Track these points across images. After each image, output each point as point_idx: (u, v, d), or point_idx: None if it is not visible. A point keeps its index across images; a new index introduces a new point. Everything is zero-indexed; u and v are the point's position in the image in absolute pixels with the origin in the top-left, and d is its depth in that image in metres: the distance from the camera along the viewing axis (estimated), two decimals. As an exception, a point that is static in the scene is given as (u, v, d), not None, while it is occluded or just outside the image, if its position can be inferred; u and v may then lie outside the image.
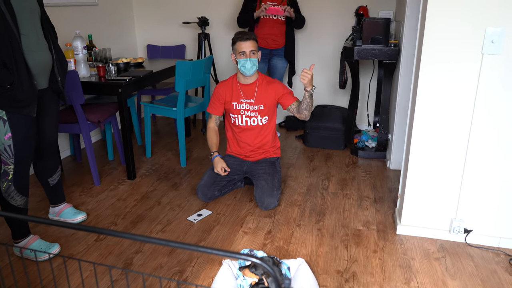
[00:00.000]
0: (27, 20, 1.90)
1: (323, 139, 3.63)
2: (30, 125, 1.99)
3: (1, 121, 1.89)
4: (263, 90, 2.65)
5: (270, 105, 2.67)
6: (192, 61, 3.09)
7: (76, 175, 3.11)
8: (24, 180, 2.05)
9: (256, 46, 2.55)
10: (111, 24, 4.05)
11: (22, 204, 2.08)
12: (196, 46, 4.31)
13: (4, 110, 1.88)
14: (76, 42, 2.93)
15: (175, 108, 3.18)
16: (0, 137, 1.92)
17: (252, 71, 2.57)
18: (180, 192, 2.84)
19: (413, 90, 2.19)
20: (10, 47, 1.79)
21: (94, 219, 2.49)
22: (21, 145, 1.97)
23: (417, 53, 2.15)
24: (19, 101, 1.87)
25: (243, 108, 2.68)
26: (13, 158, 1.97)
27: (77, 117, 2.79)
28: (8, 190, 2.00)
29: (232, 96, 2.69)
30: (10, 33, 1.79)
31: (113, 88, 2.81)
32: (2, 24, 1.76)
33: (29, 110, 1.93)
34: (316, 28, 3.96)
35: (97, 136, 3.92)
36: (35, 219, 1.19)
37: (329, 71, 4.06)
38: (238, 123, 2.73)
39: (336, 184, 2.94)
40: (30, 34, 1.91)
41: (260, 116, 2.69)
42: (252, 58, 2.54)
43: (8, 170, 1.98)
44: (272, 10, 3.46)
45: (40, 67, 1.98)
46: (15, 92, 1.84)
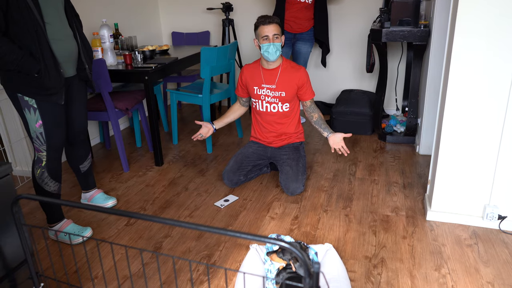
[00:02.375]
0: (51, 9, 1.92)
1: (350, 124, 3.57)
2: (60, 112, 2.04)
3: (32, 109, 1.94)
4: (286, 77, 2.59)
5: (291, 93, 2.60)
6: (217, 47, 3.08)
7: (105, 162, 3.19)
8: (56, 166, 2.11)
9: (279, 30, 2.50)
10: (136, 12, 4.08)
11: (56, 190, 2.15)
12: (220, 32, 4.30)
13: (34, 98, 1.93)
14: (103, 31, 2.96)
15: (201, 95, 3.19)
16: (32, 124, 1.98)
17: (276, 56, 2.53)
18: (206, 178, 2.86)
19: (445, 72, 2.11)
20: (35, 36, 1.82)
21: (124, 205, 2.55)
22: (52, 132, 2.02)
23: (449, 34, 2.07)
24: (47, 89, 1.91)
25: (264, 94, 2.65)
26: (45, 145, 2.03)
27: (105, 105, 2.84)
28: (42, 176, 2.07)
29: (254, 80, 2.67)
30: (34, 22, 1.82)
31: (140, 75, 2.84)
32: (27, 14, 1.79)
33: (57, 98, 1.97)
34: (342, 10, 3.87)
35: (125, 123, 3.99)
36: (68, 203, 1.23)
37: (356, 54, 3.97)
38: (259, 108, 2.72)
39: (364, 169, 2.90)
40: (54, 22, 1.93)
41: (281, 103, 2.64)
42: (276, 42, 2.49)
43: (41, 157, 2.05)
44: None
45: (66, 55, 2.01)
46: (43, 80, 1.88)
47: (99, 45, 2.98)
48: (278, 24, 2.50)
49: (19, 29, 1.79)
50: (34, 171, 2.08)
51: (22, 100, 1.93)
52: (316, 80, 4.12)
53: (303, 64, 3.68)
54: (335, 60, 4.05)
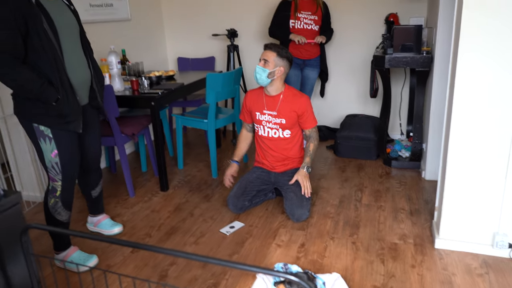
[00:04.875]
0: (68, 37, 1.95)
1: (354, 149, 3.58)
2: (75, 141, 2.05)
3: (47, 139, 1.95)
4: (287, 104, 2.60)
5: (292, 120, 2.61)
6: (222, 73, 3.13)
7: (111, 187, 3.19)
8: (70, 196, 2.11)
9: (272, 58, 2.49)
10: (143, 38, 4.16)
11: (67, 219, 2.14)
12: (225, 57, 4.36)
13: (50, 127, 1.93)
14: (111, 57, 3.01)
15: (206, 120, 3.21)
16: (47, 154, 1.98)
17: (260, 81, 2.53)
18: (212, 203, 2.85)
19: (449, 97, 2.13)
20: (54, 64, 1.85)
21: (129, 231, 2.53)
22: (67, 161, 2.02)
23: (452, 60, 2.10)
24: (65, 117, 1.92)
25: (265, 119, 2.68)
26: (60, 175, 2.02)
27: (112, 130, 2.86)
28: (56, 206, 2.07)
29: (257, 106, 2.70)
30: (53, 50, 1.84)
31: (146, 101, 2.87)
32: (46, 42, 1.82)
33: (75, 126, 1.98)
34: (345, 36, 3.94)
35: (130, 147, 4.01)
36: (79, 233, 1.23)
37: (359, 79, 4.01)
38: (261, 133, 2.74)
39: (370, 195, 2.88)
40: (71, 51, 1.96)
41: (281, 130, 2.66)
42: (260, 65, 2.51)
43: (56, 187, 2.05)
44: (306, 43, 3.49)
45: (81, 84, 2.03)
46: (62, 108, 1.89)
47: (107, 71, 3.03)
48: (274, 53, 2.50)
49: (38, 57, 1.82)
50: (47, 200, 2.07)
51: (37, 130, 1.93)
52: (320, 104, 4.15)
53: (310, 89, 3.73)
54: (339, 85, 4.09)
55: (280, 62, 2.52)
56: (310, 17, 3.49)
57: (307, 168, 2.61)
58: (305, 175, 2.58)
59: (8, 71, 1.73)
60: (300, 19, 3.50)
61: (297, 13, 3.46)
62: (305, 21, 3.50)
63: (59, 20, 1.90)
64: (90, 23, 3.42)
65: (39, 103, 1.87)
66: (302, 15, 3.47)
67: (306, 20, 3.50)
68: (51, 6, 1.88)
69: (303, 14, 3.48)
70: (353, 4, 3.83)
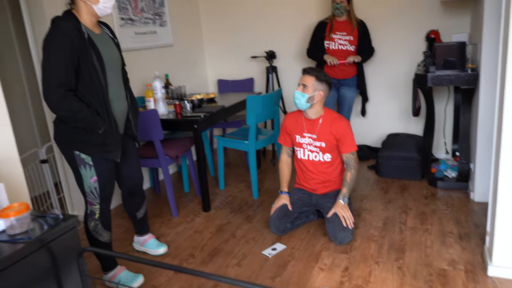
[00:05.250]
0: (112, 70, 2.06)
1: (397, 169, 3.50)
2: (112, 168, 2.15)
3: (87, 166, 2.04)
4: (326, 128, 2.59)
5: (331, 144, 2.59)
6: (262, 95, 3.18)
7: (155, 207, 3.28)
8: (108, 217, 2.20)
9: (311, 83, 2.49)
10: (185, 62, 4.31)
11: (108, 239, 2.23)
12: (264, 78, 4.43)
13: (91, 156, 2.03)
14: (156, 83, 3.14)
15: (247, 141, 3.26)
16: (86, 180, 2.08)
17: (299, 105, 2.53)
18: (253, 224, 2.87)
19: (498, 115, 2.05)
20: (101, 96, 1.96)
21: (173, 251, 2.59)
22: (105, 186, 2.12)
23: (500, 77, 2.03)
24: (106, 146, 2.02)
25: (306, 142, 2.67)
26: (98, 199, 2.12)
27: (156, 152, 2.96)
28: (96, 228, 2.16)
29: (296, 129, 2.70)
30: (100, 84, 1.96)
31: (189, 124, 2.96)
32: (95, 76, 1.93)
33: (114, 155, 2.07)
34: (384, 53, 3.90)
35: (173, 168, 4.12)
36: (127, 256, 1.28)
37: (400, 97, 3.94)
38: (300, 156, 2.73)
39: (415, 217, 2.80)
40: (113, 83, 2.07)
41: (321, 153, 2.64)
42: (299, 90, 2.51)
43: (95, 210, 2.14)
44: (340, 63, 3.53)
45: (121, 114, 2.13)
46: (106, 137, 1.99)
47: (151, 95, 3.15)
48: (312, 77, 2.50)
49: (86, 89, 1.93)
50: (87, 224, 2.16)
51: (78, 157, 2.02)
52: (360, 123, 4.11)
53: (348, 109, 3.71)
54: (380, 103, 4.03)
55: (319, 86, 2.52)
56: (345, 37, 3.51)
57: (343, 198, 2.56)
58: (342, 207, 2.53)
59: (62, 102, 1.83)
60: (334, 40, 3.53)
61: (331, 34, 3.50)
62: (340, 42, 3.52)
63: (106, 55, 2.01)
64: (136, 50, 3.60)
65: (82, 132, 1.96)
66: (336, 36, 3.50)
67: (341, 41, 3.52)
68: (99, 40, 2.00)
69: (338, 35, 3.50)
70: (392, 21, 3.80)
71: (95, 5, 1.94)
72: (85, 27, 1.93)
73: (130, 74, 3.42)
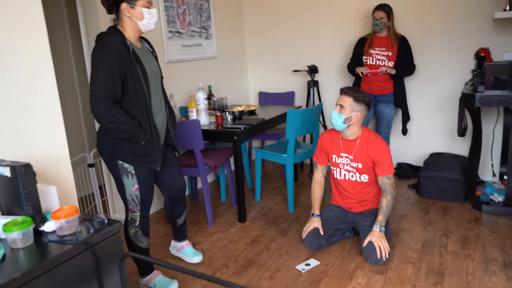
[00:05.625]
0: (153, 83, 2.15)
1: (439, 189, 3.38)
2: (152, 177, 2.23)
3: (130, 175, 2.13)
4: (363, 149, 2.53)
5: (368, 165, 2.54)
6: (302, 110, 3.19)
7: (193, 215, 3.36)
8: (147, 224, 2.28)
9: (348, 104, 2.45)
10: (228, 74, 4.41)
11: (147, 245, 2.31)
12: (305, 92, 4.44)
13: (133, 165, 2.11)
14: (199, 94, 3.23)
15: (285, 155, 3.28)
16: (128, 189, 2.16)
17: (336, 126, 2.50)
18: (288, 238, 2.87)
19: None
20: (144, 108, 2.05)
21: (208, 260, 2.64)
22: (145, 195, 2.20)
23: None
24: (148, 156, 2.10)
25: (342, 162, 2.63)
26: (139, 206, 2.20)
27: (196, 162, 3.04)
28: (136, 234, 2.24)
29: (333, 148, 2.66)
30: (144, 97, 2.05)
31: (229, 135, 3.02)
32: (139, 89, 2.03)
33: (155, 164, 2.15)
34: (430, 70, 3.81)
35: (211, 177, 4.20)
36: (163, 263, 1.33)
37: (445, 116, 3.82)
38: (337, 176, 2.69)
39: (456, 242, 2.70)
40: (155, 96, 2.16)
41: (358, 174, 2.59)
42: (336, 111, 2.48)
43: (135, 217, 2.22)
44: (370, 73, 3.51)
45: (161, 125, 2.22)
46: (148, 147, 2.08)
47: (194, 106, 3.24)
48: (350, 97, 2.46)
49: (130, 101, 2.02)
50: (128, 230, 2.25)
51: (121, 167, 2.11)
52: (402, 140, 4.02)
53: (386, 125, 3.66)
54: (422, 121, 3.93)
55: (356, 107, 2.47)
56: (383, 53, 3.49)
57: (379, 227, 2.49)
58: (379, 236, 2.46)
59: (108, 113, 1.92)
60: (372, 55, 3.52)
61: (370, 49, 3.51)
62: (377, 57, 3.51)
63: (149, 68, 2.11)
64: (181, 61, 3.73)
65: (125, 143, 2.05)
66: (374, 51, 3.49)
67: (379, 56, 3.50)
68: (142, 54, 2.11)
69: (376, 50, 3.49)
70: (440, 38, 3.71)
71: (140, 21, 2.05)
72: (130, 42, 2.04)
73: (175, 85, 3.60)
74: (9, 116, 1.67)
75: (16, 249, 1.33)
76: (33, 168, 1.43)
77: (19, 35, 1.70)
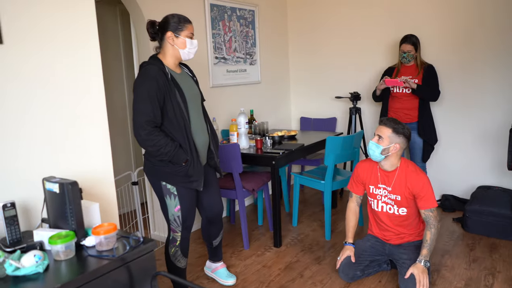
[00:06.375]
0: (193, 106, 2.24)
1: (487, 225, 3.21)
2: (194, 198, 2.30)
3: (172, 196, 2.22)
4: (402, 181, 2.47)
5: (407, 198, 2.46)
6: (342, 137, 3.18)
7: (229, 237, 3.40)
8: (187, 245, 2.35)
9: (387, 135, 2.41)
10: (270, 99, 4.49)
11: (185, 265, 2.37)
12: (347, 118, 4.42)
13: (176, 185, 2.20)
14: (240, 118, 3.32)
15: (323, 181, 3.26)
16: (171, 209, 2.25)
17: (373, 156, 2.45)
18: (322, 266, 2.83)
19: None
20: (184, 131, 2.14)
21: (241, 283, 2.65)
22: (187, 215, 2.27)
23: None
24: (189, 177, 2.18)
25: (380, 194, 2.57)
26: (180, 226, 2.27)
27: (234, 184, 3.10)
28: (176, 254, 2.31)
29: (370, 179, 2.61)
30: (183, 119, 2.14)
31: (268, 160, 3.06)
32: (178, 113, 2.12)
33: (197, 185, 2.22)
34: (477, 100, 3.67)
35: (249, 199, 4.25)
36: (196, 286, 1.37)
37: (494, 147, 3.65)
38: (374, 207, 2.63)
39: (504, 283, 2.53)
40: (195, 118, 2.25)
41: (396, 206, 2.52)
42: (374, 141, 2.44)
43: (176, 237, 2.30)
44: (390, 82, 3.47)
45: (202, 146, 2.29)
46: (189, 168, 2.16)
47: (235, 130, 3.33)
48: (389, 129, 2.41)
49: (171, 125, 2.12)
50: (168, 249, 2.33)
51: (164, 188, 2.21)
52: (448, 171, 3.87)
53: (420, 156, 3.56)
54: (469, 152, 3.77)
55: (395, 138, 2.42)
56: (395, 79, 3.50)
57: (425, 262, 2.38)
58: (422, 270, 2.35)
59: (149, 138, 2.03)
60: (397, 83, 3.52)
61: (397, 78, 3.50)
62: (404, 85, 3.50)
63: (187, 92, 2.21)
64: (225, 86, 3.86)
65: (167, 164, 2.14)
66: (401, 79, 3.44)
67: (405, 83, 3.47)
68: (181, 79, 2.22)
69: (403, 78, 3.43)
70: (487, 66, 3.58)
71: (182, 49, 2.18)
72: (168, 69, 2.17)
73: (218, 108, 3.72)
74: (60, 134, 1.82)
75: (59, 261, 1.43)
76: (79, 186, 1.55)
77: (71, 49, 1.83)
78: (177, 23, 2.16)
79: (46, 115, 1.76)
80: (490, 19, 3.52)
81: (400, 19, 3.96)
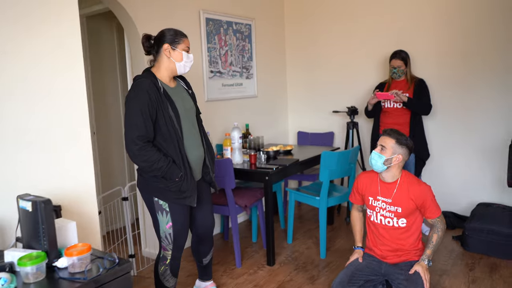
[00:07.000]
0: (187, 120, 2.19)
1: (487, 244, 3.11)
2: (187, 214, 2.23)
3: (164, 212, 2.15)
4: (404, 192, 2.41)
5: (408, 209, 2.40)
6: (337, 152, 3.12)
7: (221, 254, 3.31)
8: (178, 264, 2.27)
9: (390, 145, 2.37)
10: (267, 113, 4.44)
11: (173, 285, 2.29)
12: (344, 133, 4.36)
13: (168, 202, 2.14)
14: (234, 133, 3.27)
15: (318, 197, 3.19)
16: (162, 226, 2.18)
17: (375, 166, 2.40)
18: (316, 286, 2.74)
19: None
20: (177, 145, 2.09)
21: (231, 304, 2.57)
22: (179, 232, 2.20)
23: None
24: (183, 192, 2.11)
25: (379, 206, 2.51)
26: (171, 245, 2.20)
27: (227, 200, 3.03)
28: (165, 273, 2.24)
29: (370, 190, 2.56)
30: (176, 134, 2.09)
31: (261, 175, 3.00)
32: (171, 127, 2.08)
33: (191, 201, 2.16)
34: (476, 117, 3.60)
35: (244, 216, 4.17)
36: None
37: (494, 164, 3.57)
38: (373, 219, 2.57)
39: (503, 305, 2.44)
40: (188, 132, 2.19)
41: (396, 218, 2.45)
42: (377, 151, 2.39)
43: (167, 255, 2.23)
44: (381, 95, 3.42)
45: (197, 161, 2.24)
46: (182, 184, 2.10)
47: (229, 144, 3.28)
48: (393, 139, 2.38)
49: (163, 139, 2.07)
50: (157, 267, 2.26)
51: (157, 204, 2.15)
52: (448, 188, 3.79)
53: (413, 171, 3.50)
54: (468, 168, 3.69)
55: (398, 149, 2.38)
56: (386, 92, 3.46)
57: (428, 261, 2.34)
58: (426, 268, 2.32)
59: (141, 153, 1.99)
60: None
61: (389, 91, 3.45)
62: (394, 100, 3.47)
63: (181, 105, 2.16)
64: (221, 100, 3.82)
65: (161, 180, 2.09)
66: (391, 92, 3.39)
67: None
68: (174, 93, 2.17)
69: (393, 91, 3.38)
70: (486, 83, 3.52)
71: (179, 62, 2.14)
72: (161, 82, 2.13)
73: (213, 122, 3.67)
74: (42, 151, 1.77)
75: (28, 283, 1.36)
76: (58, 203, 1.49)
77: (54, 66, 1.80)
78: (174, 36, 2.14)
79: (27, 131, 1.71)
80: (485, 33, 3.48)
81: (396, 34, 3.93)
